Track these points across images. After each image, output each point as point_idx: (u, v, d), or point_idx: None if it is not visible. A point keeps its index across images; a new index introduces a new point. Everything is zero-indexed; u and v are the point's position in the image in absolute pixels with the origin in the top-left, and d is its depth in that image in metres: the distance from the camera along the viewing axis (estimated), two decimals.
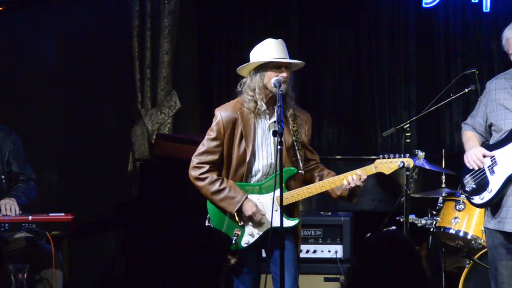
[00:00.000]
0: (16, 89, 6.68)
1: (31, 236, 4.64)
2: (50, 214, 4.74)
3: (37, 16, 6.83)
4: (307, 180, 4.44)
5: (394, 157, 4.41)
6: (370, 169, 4.36)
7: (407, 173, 4.60)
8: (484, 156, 4.40)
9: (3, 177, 5.05)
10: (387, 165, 4.38)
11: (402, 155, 4.47)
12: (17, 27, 6.74)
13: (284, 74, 4.31)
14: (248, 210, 4.30)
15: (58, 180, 6.85)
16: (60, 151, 6.91)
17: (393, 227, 5.25)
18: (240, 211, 4.33)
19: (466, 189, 4.49)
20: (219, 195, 4.34)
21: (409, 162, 4.43)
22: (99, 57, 6.95)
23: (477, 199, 4.44)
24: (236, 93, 4.47)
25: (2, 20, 6.64)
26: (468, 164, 4.44)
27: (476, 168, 4.41)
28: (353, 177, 4.29)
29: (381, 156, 4.41)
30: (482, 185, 4.41)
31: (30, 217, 4.65)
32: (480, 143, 4.54)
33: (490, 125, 4.50)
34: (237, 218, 4.36)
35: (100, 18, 6.96)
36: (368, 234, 2.41)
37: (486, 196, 4.39)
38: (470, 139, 4.56)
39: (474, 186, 4.44)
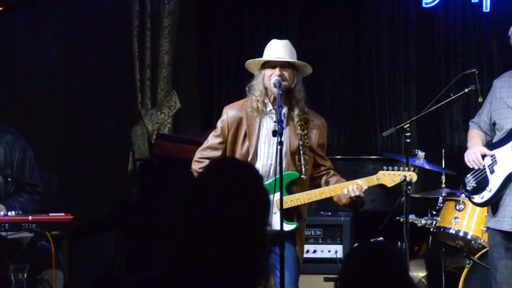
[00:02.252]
0: (16, 89, 6.68)
1: (31, 236, 4.63)
2: (50, 214, 4.73)
3: (37, 16, 6.83)
4: (317, 185, 4.42)
5: (398, 170, 4.40)
6: (372, 180, 4.35)
7: (409, 187, 4.59)
8: (484, 156, 4.41)
9: (9, 180, 5.04)
10: (389, 177, 4.38)
11: (406, 168, 4.47)
12: (17, 27, 6.74)
13: (277, 72, 4.29)
14: None
15: (58, 180, 6.85)
16: (60, 151, 6.91)
17: (381, 238, 5.22)
18: None
19: (467, 188, 4.51)
20: None
21: (412, 176, 4.42)
22: (99, 57, 6.95)
23: (477, 198, 4.46)
24: (241, 93, 4.48)
25: (2, 20, 6.64)
26: (468, 164, 4.46)
27: (476, 167, 4.42)
28: (353, 187, 4.26)
29: (384, 167, 4.41)
30: (483, 184, 4.42)
31: (30, 217, 4.64)
32: (484, 142, 4.55)
33: (494, 123, 4.51)
34: None
35: (100, 18, 6.96)
36: (355, 245, 2.40)
37: (486, 195, 4.40)
38: (473, 137, 4.57)
39: (475, 185, 4.46)
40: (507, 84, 4.48)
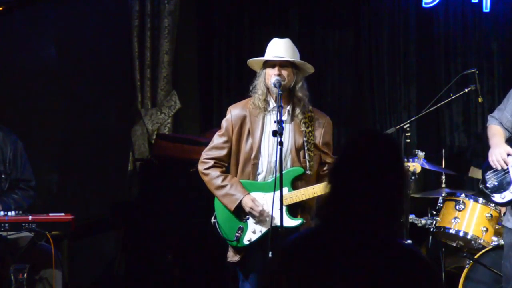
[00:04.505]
0: (16, 89, 6.68)
1: (31, 236, 4.63)
2: (50, 214, 4.74)
3: (37, 16, 6.83)
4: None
5: None
6: None
7: (413, 177, 4.59)
8: (508, 155, 4.39)
9: (3, 177, 5.05)
10: None
11: (409, 159, 4.45)
12: (17, 27, 6.74)
13: (276, 72, 4.31)
14: (246, 205, 4.32)
15: (58, 180, 6.85)
16: (60, 151, 6.91)
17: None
18: (239, 208, 4.35)
19: (487, 185, 4.48)
20: (220, 191, 4.39)
21: (416, 167, 4.42)
22: (99, 57, 6.95)
23: (498, 198, 4.43)
24: (240, 93, 4.51)
25: (2, 20, 6.64)
26: (492, 163, 4.42)
27: (500, 168, 4.39)
28: None
29: None
30: (505, 184, 4.40)
31: (30, 217, 4.64)
32: (505, 139, 4.53)
33: None
34: (238, 216, 4.38)
35: (100, 18, 6.96)
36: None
37: (508, 196, 4.38)
38: (495, 134, 4.53)
39: (496, 183, 4.43)
40: None
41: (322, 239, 2.35)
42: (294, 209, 4.35)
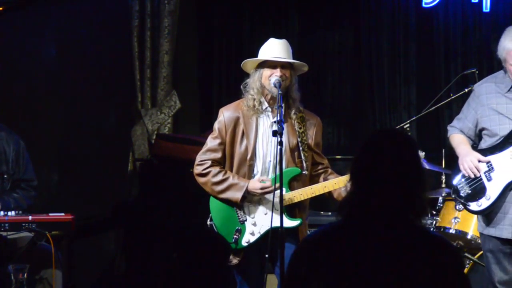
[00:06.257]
0: (16, 89, 6.69)
1: (31, 236, 4.63)
2: (50, 214, 4.73)
3: (37, 16, 6.83)
4: (316, 183, 4.42)
5: None
6: None
7: None
8: (479, 161, 4.36)
9: (5, 176, 5.05)
10: None
11: None
12: (17, 27, 6.74)
13: (278, 73, 4.31)
14: (255, 188, 4.28)
15: (58, 180, 6.85)
16: (60, 151, 6.91)
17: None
18: (245, 199, 4.32)
19: (461, 194, 4.43)
20: (223, 184, 4.34)
21: None
22: (99, 57, 6.95)
23: (474, 206, 4.37)
24: (240, 93, 4.49)
25: (2, 20, 6.64)
26: (464, 172, 4.39)
27: (473, 176, 4.36)
28: None
29: None
30: (478, 191, 4.35)
31: (30, 217, 4.64)
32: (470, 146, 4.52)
33: (482, 130, 4.46)
34: (239, 213, 4.36)
35: (100, 18, 6.96)
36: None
37: (484, 203, 4.33)
38: (462, 143, 4.53)
39: (470, 191, 4.39)
40: (494, 90, 4.43)
41: (348, 232, 2.45)
42: (291, 209, 4.34)
